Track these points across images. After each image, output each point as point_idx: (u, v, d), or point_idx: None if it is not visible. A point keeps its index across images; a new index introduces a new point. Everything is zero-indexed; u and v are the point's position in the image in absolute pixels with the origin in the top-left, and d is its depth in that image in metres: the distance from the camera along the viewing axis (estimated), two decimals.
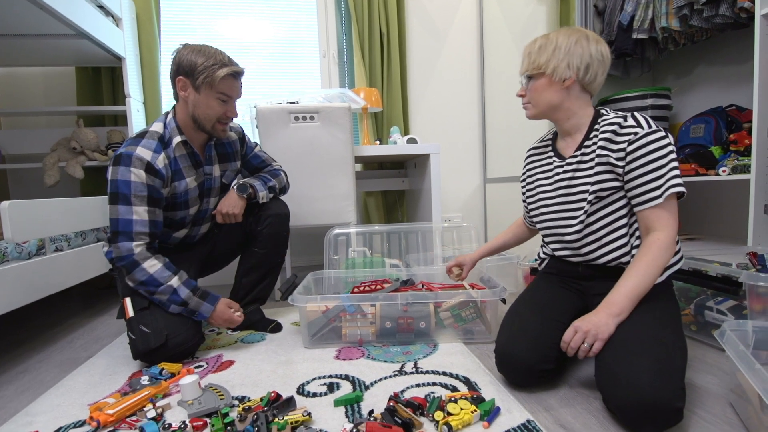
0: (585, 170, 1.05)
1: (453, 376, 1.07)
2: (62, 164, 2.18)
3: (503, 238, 1.40)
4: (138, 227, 1.20)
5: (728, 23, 1.72)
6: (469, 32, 2.78)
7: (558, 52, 1.04)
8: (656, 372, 0.79)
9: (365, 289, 1.43)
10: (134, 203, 1.19)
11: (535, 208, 1.19)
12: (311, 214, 1.88)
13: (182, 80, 1.25)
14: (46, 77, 2.41)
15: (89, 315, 1.83)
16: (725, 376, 1.03)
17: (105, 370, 1.21)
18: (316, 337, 1.32)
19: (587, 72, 1.04)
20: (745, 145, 1.69)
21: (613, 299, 0.93)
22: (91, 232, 1.77)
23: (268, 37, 2.62)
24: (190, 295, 1.23)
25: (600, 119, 1.06)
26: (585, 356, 0.91)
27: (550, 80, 1.06)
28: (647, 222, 0.98)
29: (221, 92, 1.25)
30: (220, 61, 1.24)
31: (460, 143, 2.82)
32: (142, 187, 1.19)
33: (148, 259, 1.20)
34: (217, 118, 1.29)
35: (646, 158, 0.95)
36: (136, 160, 1.19)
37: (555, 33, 1.07)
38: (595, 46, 1.04)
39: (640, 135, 0.96)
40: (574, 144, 1.10)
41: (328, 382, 1.06)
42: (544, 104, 1.09)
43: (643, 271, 0.93)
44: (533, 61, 1.08)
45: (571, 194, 1.08)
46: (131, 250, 1.19)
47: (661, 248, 0.94)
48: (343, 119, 1.81)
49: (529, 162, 1.24)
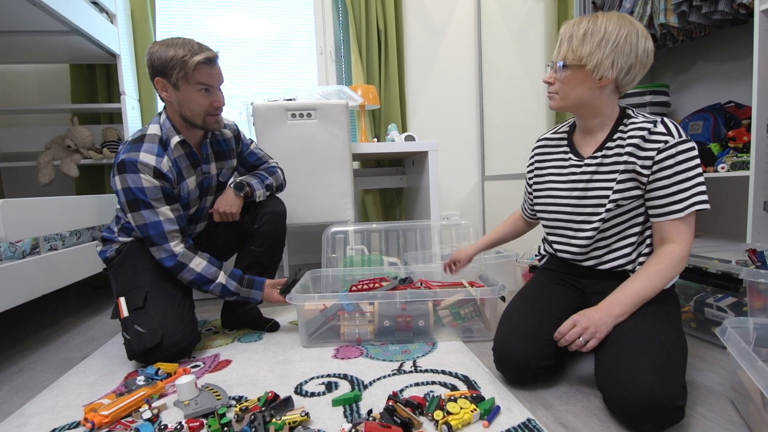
0: (605, 173, 1.00)
1: (452, 374, 1.06)
2: (57, 162, 2.16)
3: (501, 231, 1.37)
4: (168, 226, 1.21)
5: (727, 19, 1.71)
6: (467, 29, 2.76)
7: (605, 45, 0.93)
8: (656, 370, 0.79)
9: (363, 287, 1.42)
10: (155, 206, 1.20)
11: (543, 204, 1.14)
12: (309, 212, 1.87)
13: (159, 81, 1.22)
14: (41, 75, 2.39)
15: (84, 315, 1.81)
16: (726, 373, 1.03)
17: (100, 371, 1.20)
18: (314, 336, 1.31)
19: (628, 73, 0.95)
20: (744, 141, 1.68)
21: (618, 299, 0.91)
22: (86, 231, 1.75)
23: (264, 34, 2.60)
24: (239, 287, 1.31)
25: (626, 120, 1.00)
26: (576, 350, 0.90)
27: (588, 75, 0.95)
28: (664, 233, 0.95)
29: (200, 83, 1.21)
30: (190, 50, 1.18)
31: (458, 141, 2.81)
32: (157, 190, 1.20)
33: (192, 259, 1.24)
34: (206, 111, 1.25)
35: (674, 169, 0.91)
36: (143, 167, 1.18)
37: (603, 17, 0.95)
38: (644, 43, 0.94)
39: (670, 144, 0.91)
40: (595, 143, 1.04)
41: (327, 382, 1.05)
42: (573, 98, 1.00)
43: (653, 278, 0.91)
44: (575, 49, 0.95)
45: (588, 197, 1.03)
46: (173, 252, 1.21)
47: (674, 261, 0.92)
48: (340, 116, 1.79)
49: (541, 153, 1.17)
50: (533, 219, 1.32)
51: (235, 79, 2.58)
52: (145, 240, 1.23)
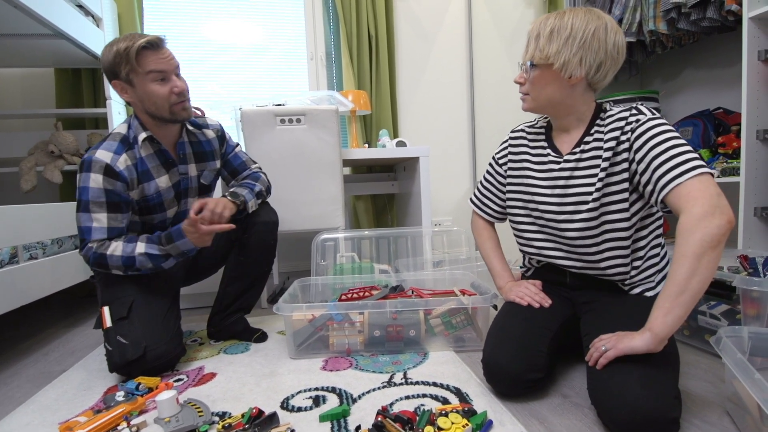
0: (585, 169, 0.98)
1: (444, 387, 1.03)
2: (40, 168, 2.11)
3: (497, 247, 1.25)
4: (96, 234, 1.16)
5: (715, 26, 1.73)
6: (458, 35, 2.76)
7: (572, 42, 0.90)
8: (648, 383, 0.77)
9: (353, 296, 1.39)
10: (93, 210, 1.15)
11: (520, 200, 1.09)
12: (298, 219, 1.84)
13: (116, 84, 1.18)
14: (24, 78, 2.34)
15: (66, 325, 1.76)
16: (720, 383, 1.01)
17: (79, 385, 1.15)
18: (302, 347, 1.27)
19: (598, 71, 0.93)
20: (734, 147, 1.69)
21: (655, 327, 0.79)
22: (68, 239, 1.70)
23: (254, 39, 2.57)
24: (163, 248, 1.19)
25: (602, 114, 0.98)
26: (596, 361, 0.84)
27: (557, 74, 0.93)
28: (673, 208, 0.83)
29: (150, 71, 1.15)
30: (131, 41, 1.13)
31: (449, 146, 2.80)
32: (100, 192, 1.15)
33: (108, 247, 1.17)
34: (169, 101, 1.19)
35: (654, 140, 0.86)
36: (95, 165, 1.14)
37: (570, 13, 0.92)
38: (613, 38, 0.91)
39: (642, 122, 0.90)
40: (572, 140, 1.02)
41: (314, 395, 1.01)
42: (543, 99, 0.98)
43: (674, 270, 0.78)
44: (542, 48, 0.93)
45: (569, 195, 1.00)
46: (90, 249, 1.16)
47: (685, 234, 0.77)
48: (330, 122, 1.77)
49: (515, 145, 1.14)
50: (501, 217, 1.23)
51: (225, 83, 2.55)
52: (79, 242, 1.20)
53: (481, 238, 1.26)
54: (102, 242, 1.17)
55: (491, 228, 1.27)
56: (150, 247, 1.19)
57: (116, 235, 1.19)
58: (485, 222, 1.27)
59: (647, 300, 0.97)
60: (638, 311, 0.90)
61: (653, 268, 1.00)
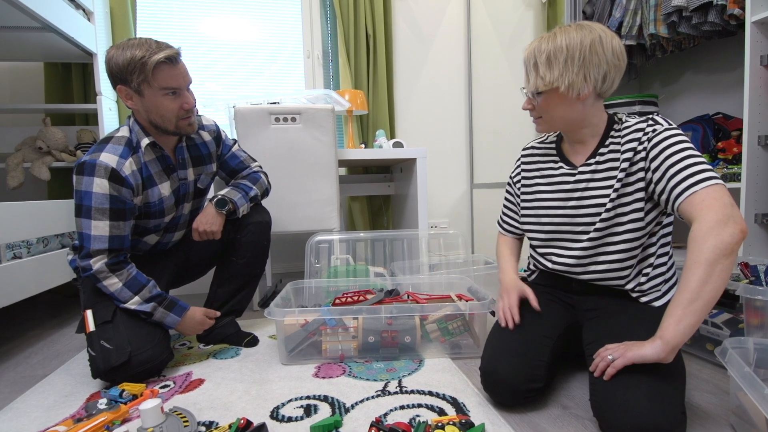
0: (600, 180, 0.97)
1: (440, 396, 1.00)
2: (27, 165, 2.06)
3: (513, 254, 1.21)
4: (96, 244, 1.10)
5: (716, 30, 1.71)
6: (457, 36, 2.74)
7: (572, 63, 0.90)
8: (655, 396, 0.74)
9: (347, 300, 1.35)
10: (94, 217, 1.09)
11: (533, 215, 1.09)
12: (292, 220, 1.80)
13: (122, 89, 1.12)
14: (13, 72, 2.28)
15: (52, 326, 1.70)
16: (724, 394, 0.99)
17: (61, 391, 1.11)
18: (294, 353, 1.23)
19: (604, 82, 0.92)
20: (734, 153, 1.67)
21: (667, 334, 0.76)
22: (54, 238, 1.65)
23: (250, 37, 2.53)
24: (155, 306, 1.16)
25: (617, 126, 0.97)
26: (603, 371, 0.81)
27: (564, 95, 0.93)
28: (686, 216, 0.82)
29: (164, 87, 1.12)
30: (149, 50, 1.08)
31: (446, 148, 2.77)
32: (104, 199, 1.09)
33: (107, 278, 1.11)
34: (177, 116, 1.17)
35: (670, 149, 0.86)
36: (100, 168, 1.09)
37: (562, 34, 0.91)
38: (610, 47, 0.91)
39: (658, 131, 0.89)
40: (586, 151, 1.01)
41: (305, 405, 0.98)
42: (557, 120, 0.98)
43: (685, 278, 0.76)
44: (543, 76, 0.92)
45: (584, 206, 0.99)
46: (90, 267, 1.10)
47: (697, 242, 0.76)
48: (326, 121, 1.73)
49: (527, 163, 1.13)
50: (516, 234, 1.23)
51: (220, 81, 2.51)
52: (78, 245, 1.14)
53: (500, 248, 1.23)
54: (104, 261, 1.11)
55: (514, 243, 1.23)
56: (142, 305, 1.14)
57: (117, 247, 1.13)
58: (509, 238, 1.24)
59: (653, 309, 0.95)
60: (644, 320, 0.88)
61: (660, 278, 0.98)
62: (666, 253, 0.99)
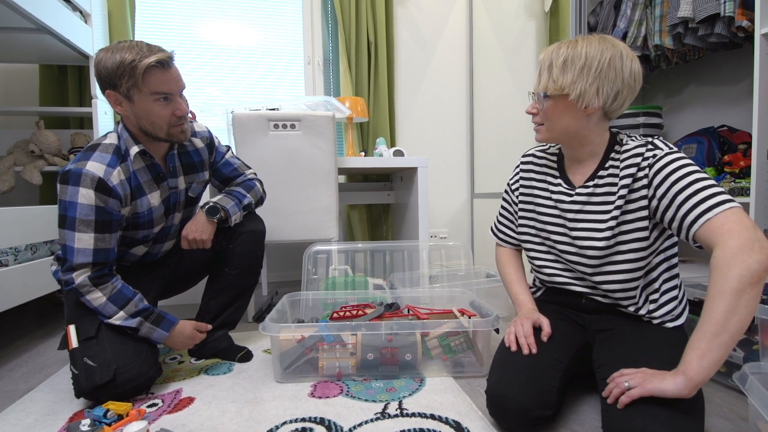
0: (597, 204, 0.94)
1: (442, 420, 0.95)
2: (18, 169, 2.01)
3: (522, 279, 1.15)
4: (80, 258, 1.04)
5: (722, 42, 1.69)
6: (459, 44, 2.72)
7: (587, 72, 0.87)
8: (673, 428, 0.70)
9: (346, 314, 1.30)
10: (78, 229, 1.04)
11: (529, 228, 1.07)
12: (290, 228, 1.75)
13: (110, 94, 1.08)
14: (7, 74, 2.24)
15: (39, 336, 1.65)
16: (741, 421, 0.94)
17: (43, 409, 1.05)
18: (290, 370, 1.18)
19: (615, 100, 0.89)
20: (741, 167, 1.64)
21: (690, 371, 0.71)
22: (43, 245, 1.60)
23: (250, 42, 2.50)
24: (142, 321, 1.10)
25: (618, 147, 0.94)
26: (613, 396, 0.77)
27: (572, 105, 0.90)
28: (705, 242, 0.78)
29: (155, 92, 1.07)
30: (139, 53, 1.03)
31: (447, 157, 2.74)
32: (89, 210, 1.04)
33: (90, 292, 1.06)
34: (168, 123, 1.12)
35: (675, 175, 0.83)
36: (86, 178, 1.03)
37: (584, 42, 0.89)
38: (629, 66, 0.88)
39: (659, 156, 0.86)
40: (586, 172, 0.98)
41: (300, 427, 0.93)
42: (559, 129, 0.94)
43: (708, 308, 0.71)
44: (555, 78, 0.89)
45: (579, 229, 0.97)
46: (72, 281, 1.05)
47: (722, 269, 0.70)
48: (326, 128, 1.69)
49: (526, 171, 1.10)
50: (518, 243, 1.17)
51: (219, 86, 2.47)
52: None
53: (505, 268, 1.17)
54: (87, 275, 1.05)
55: (516, 256, 1.19)
56: (127, 321, 1.08)
57: (102, 260, 1.07)
58: (509, 251, 1.19)
59: (667, 331, 0.92)
60: (658, 344, 0.84)
61: (674, 302, 0.95)
62: (675, 276, 0.97)
